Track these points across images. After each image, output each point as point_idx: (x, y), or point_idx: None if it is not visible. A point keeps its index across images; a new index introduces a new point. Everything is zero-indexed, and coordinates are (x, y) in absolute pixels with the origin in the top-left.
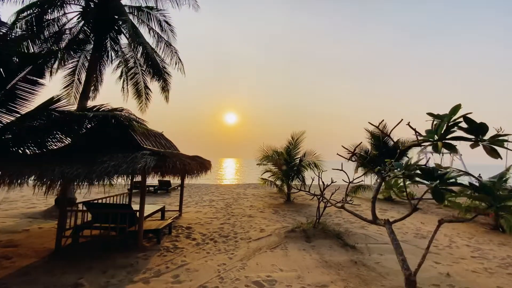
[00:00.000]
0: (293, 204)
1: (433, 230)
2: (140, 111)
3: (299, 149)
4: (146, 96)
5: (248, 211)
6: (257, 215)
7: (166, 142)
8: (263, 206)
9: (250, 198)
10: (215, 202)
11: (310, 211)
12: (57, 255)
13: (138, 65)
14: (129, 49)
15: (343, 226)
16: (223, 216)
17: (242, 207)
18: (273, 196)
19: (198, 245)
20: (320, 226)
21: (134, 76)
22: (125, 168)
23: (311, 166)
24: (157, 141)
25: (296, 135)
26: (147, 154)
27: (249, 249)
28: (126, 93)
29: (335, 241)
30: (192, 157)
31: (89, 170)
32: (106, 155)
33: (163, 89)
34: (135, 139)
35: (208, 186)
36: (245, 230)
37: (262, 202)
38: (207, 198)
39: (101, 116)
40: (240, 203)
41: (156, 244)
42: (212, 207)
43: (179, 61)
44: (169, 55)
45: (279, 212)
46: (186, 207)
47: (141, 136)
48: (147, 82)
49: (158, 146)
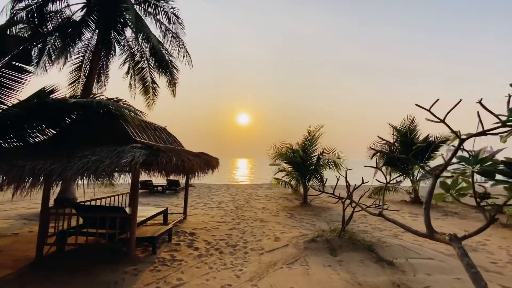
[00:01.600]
0: (310, 207)
1: (483, 240)
2: (147, 107)
3: (316, 145)
4: (154, 91)
5: (260, 214)
6: (270, 219)
7: (168, 137)
8: (277, 209)
9: (262, 200)
10: (224, 203)
11: (330, 216)
12: (36, 266)
13: (145, 59)
14: (135, 42)
15: (371, 234)
16: (232, 220)
17: (253, 209)
18: (287, 197)
19: (200, 256)
20: (347, 235)
21: (141, 71)
22: (108, 163)
23: (330, 164)
24: (156, 135)
25: (313, 130)
26: (137, 147)
27: (261, 263)
28: (134, 89)
29: (367, 255)
30: (196, 154)
31: (64, 167)
32: (89, 149)
33: (169, 83)
34: (127, 131)
35: (219, 187)
36: (257, 238)
37: (275, 204)
38: (217, 199)
39: (83, 103)
40: (252, 205)
41: (151, 255)
42: (221, 209)
43: (187, 54)
44: (176, 48)
45: (295, 216)
46: (193, 208)
47: (136, 128)
48: (154, 77)
49: (158, 141)
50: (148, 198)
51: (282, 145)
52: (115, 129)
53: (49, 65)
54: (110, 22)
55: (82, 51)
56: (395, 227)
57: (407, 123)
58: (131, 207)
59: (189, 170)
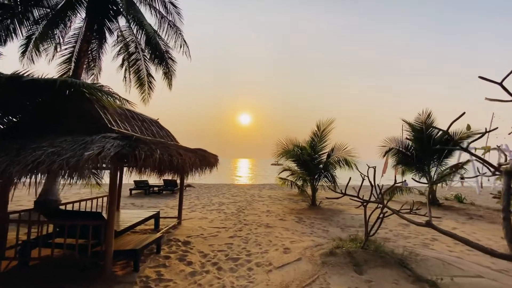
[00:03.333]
0: (320, 210)
1: None
2: (143, 101)
3: (326, 142)
4: (149, 85)
5: (264, 218)
6: (277, 224)
7: (160, 130)
8: (283, 212)
9: (266, 201)
10: (225, 205)
11: (343, 220)
12: None
13: (140, 50)
14: (129, 31)
15: (395, 242)
16: (234, 226)
17: (257, 212)
18: (292, 198)
19: (193, 275)
20: (372, 246)
21: (136, 63)
22: (68, 157)
23: (341, 163)
24: (144, 127)
25: (323, 125)
26: (111, 137)
27: (270, 285)
28: (129, 82)
29: (400, 272)
30: (191, 150)
31: (11, 161)
32: (49, 139)
33: (165, 74)
34: (103, 118)
35: (220, 187)
36: (262, 249)
37: (281, 207)
38: (217, 200)
39: (43, 82)
40: (255, 207)
41: (132, 273)
42: (221, 212)
43: (184, 43)
44: (173, 37)
45: (304, 220)
46: (191, 211)
47: (117, 117)
48: (150, 69)
49: (145, 133)
50: (142, 200)
51: (288, 142)
52: (88, 116)
53: (37, 56)
54: (100, 7)
55: (72, 41)
56: (421, 233)
57: (423, 118)
58: (112, 211)
59: (179, 167)
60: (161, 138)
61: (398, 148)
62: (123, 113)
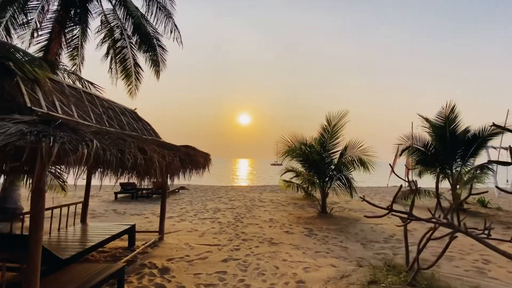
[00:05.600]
0: (332, 218)
1: None
2: (129, 94)
3: (337, 138)
4: (136, 75)
5: (267, 230)
6: (283, 239)
7: (135, 121)
8: (289, 221)
9: (268, 207)
10: (221, 212)
11: (362, 232)
12: None
13: (126, 36)
14: (114, 16)
15: (439, 268)
16: (229, 242)
17: (258, 221)
18: (297, 203)
19: None
20: (422, 281)
21: (122, 51)
22: None
23: (356, 163)
24: (108, 115)
25: (335, 119)
26: (18, 121)
27: None
28: (115, 74)
29: None
30: (173, 147)
31: None
32: None
33: (152, 61)
34: (23, 95)
35: (216, 189)
36: (267, 283)
37: (285, 214)
38: (212, 206)
39: None
40: (255, 215)
41: None
42: (215, 221)
43: (175, 28)
44: (162, 21)
45: (315, 232)
46: (180, 220)
47: (58, 97)
48: (137, 58)
49: (105, 122)
50: (127, 205)
51: (293, 139)
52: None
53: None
54: None
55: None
56: (464, 251)
57: (446, 112)
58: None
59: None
60: (134, 131)
61: (416, 145)
62: (77, 95)
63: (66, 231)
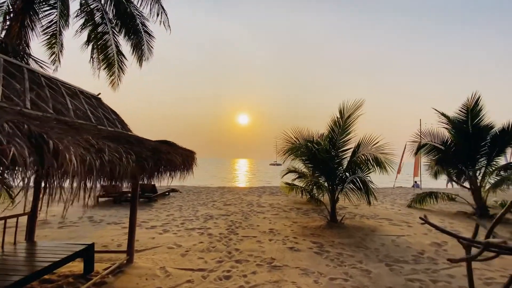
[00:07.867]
0: (344, 229)
1: None
2: (112, 85)
3: (349, 134)
4: (119, 64)
5: (267, 246)
6: (287, 259)
7: (93, 108)
8: (293, 232)
9: (267, 213)
10: (213, 220)
11: (383, 246)
12: None
13: (107, 21)
14: None
15: None
16: (218, 265)
17: (255, 233)
18: (301, 208)
19: None
20: None
21: (103, 37)
22: None
23: (370, 162)
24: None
25: (349, 110)
26: None
27: None
28: (97, 64)
29: None
30: (142, 142)
31: None
32: None
33: (135, 47)
34: None
35: (211, 191)
36: None
37: (288, 222)
38: (203, 212)
39: None
40: (253, 224)
41: None
42: (205, 232)
43: (163, 11)
44: (148, 2)
45: (327, 249)
46: (163, 231)
47: None
48: (120, 45)
49: (40, 105)
50: (108, 211)
51: (297, 135)
52: None
53: None
54: None
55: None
56: None
57: (470, 104)
58: None
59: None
60: (91, 121)
61: (433, 143)
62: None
63: (2, 251)
